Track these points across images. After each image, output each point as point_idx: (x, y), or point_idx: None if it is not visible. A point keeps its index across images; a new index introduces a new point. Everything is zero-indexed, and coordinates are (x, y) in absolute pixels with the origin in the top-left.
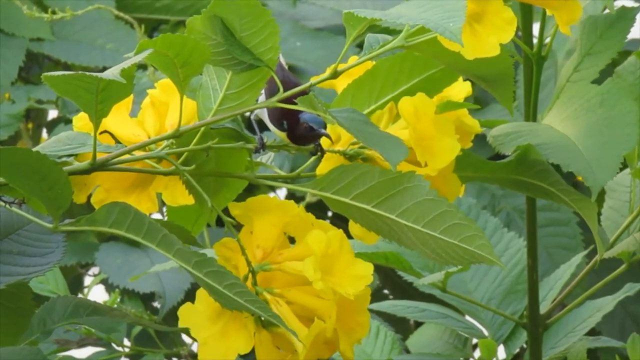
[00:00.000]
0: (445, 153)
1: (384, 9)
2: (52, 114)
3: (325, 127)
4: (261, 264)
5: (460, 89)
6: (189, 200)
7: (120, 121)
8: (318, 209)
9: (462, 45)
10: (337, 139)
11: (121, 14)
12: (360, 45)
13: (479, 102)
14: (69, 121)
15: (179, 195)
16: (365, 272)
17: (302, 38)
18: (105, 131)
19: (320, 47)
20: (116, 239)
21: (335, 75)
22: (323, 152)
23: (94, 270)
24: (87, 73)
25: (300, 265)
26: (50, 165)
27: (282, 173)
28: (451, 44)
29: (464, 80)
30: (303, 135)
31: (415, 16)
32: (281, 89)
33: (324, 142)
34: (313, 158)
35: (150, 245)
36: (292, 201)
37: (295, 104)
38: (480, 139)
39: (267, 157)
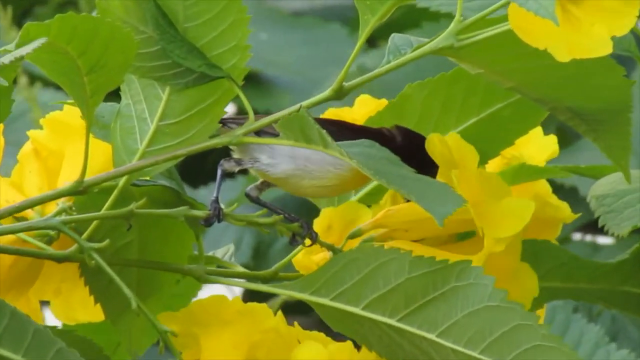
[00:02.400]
0: (511, 216)
1: None
2: None
3: None
4: None
5: (541, 146)
6: (95, 313)
7: None
8: (296, 311)
9: (557, 23)
10: (328, 226)
11: None
12: (373, 44)
13: (562, 135)
14: None
15: (78, 304)
16: None
17: (271, 27)
18: None
19: (301, 42)
20: None
21: (339, 94)
22: (313, 240)
23: None
24: None
25: None
26: None
27: (241, 269)
28: (534, 35)
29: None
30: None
31: None
32: (250, 115)
33: (318, 225)
34: (297, 250)
35: None
36: (263, 306)
37: (274, 135)
38: (566, 196)
39: (223, 251)
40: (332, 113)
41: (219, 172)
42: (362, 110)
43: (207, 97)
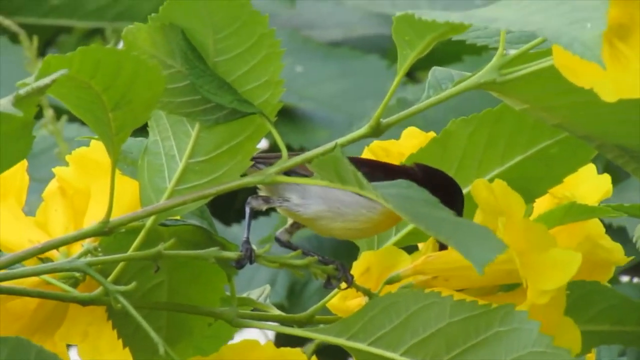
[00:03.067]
0: (557, 268)
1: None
2: None
3: None
4: None
5: (594, 186)
6: (123, 357)
7: (6, 219)
8: (332, 355)
9: (603, 66)
10: (366, 269)
11: None
12: (411, 76)
13: (611, 172)
14: None
15: (105, 347)
16: None
17: (307, 58)
18: None
19: (339, 75)
20: None
21: (377, 131)
22: (349, 284)
23: None
24: None
25: None
26: None
27: (276, 312)
28: (579, 74)
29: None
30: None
31: (521, 19)
32: (284, 153)
33: (356, 269)
34: (333, 293)
35: None
36: (297, 351)
37: (306, 175)
38: (614, 237)
39: (259, 292)
40: (378, 145)
41: (247, 210)
42: (409, 142)
43: (239, 133)
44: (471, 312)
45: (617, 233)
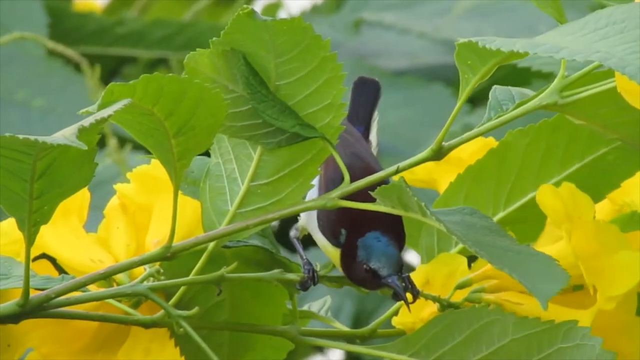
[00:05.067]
0: (624, 271)
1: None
2: None
3: (399, 270)
4: None
5: None
6: None
7: (68, 238)
8: None
9: None
10: (424, 282)
11: (60, 47)
12: (474, 101)
13: None
14: None
15: None
16: None
17: None
18: (44, 255)
19: (404, 104)
20: None
21: (439, 154)
22: (416, 295)
23: None
24: (19, 136)
25: None
26: None
27: (343, 327)
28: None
29: None
30: (361, 278)
31: (584, 48)
32: (346, 177)
33: (415, 276)
34: (395, 306)
35: None
36: None
37: (372, 200)
38: None
39: (320, 304)
40: None
41: (294, 242)
42: (468, 148)
43: (301, 156)
44: (534, 329)
45: None
